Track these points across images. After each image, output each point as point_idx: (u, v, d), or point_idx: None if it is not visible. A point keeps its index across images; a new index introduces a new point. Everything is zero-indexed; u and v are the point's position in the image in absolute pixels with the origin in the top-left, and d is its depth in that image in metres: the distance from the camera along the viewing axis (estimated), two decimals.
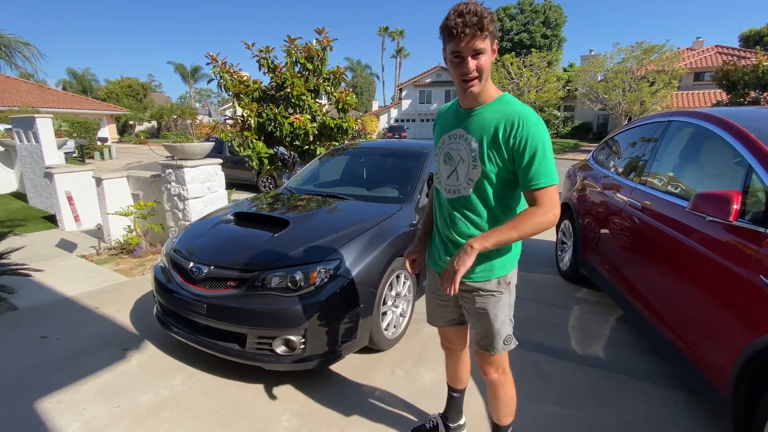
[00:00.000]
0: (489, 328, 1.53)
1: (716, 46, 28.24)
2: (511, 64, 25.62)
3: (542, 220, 1.33)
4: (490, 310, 1.51)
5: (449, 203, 1.51)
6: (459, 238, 1.49)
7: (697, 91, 25.16)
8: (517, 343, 1.60)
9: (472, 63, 1.30)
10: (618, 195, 3.02)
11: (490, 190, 1.42)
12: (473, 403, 2.18)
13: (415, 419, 2.08)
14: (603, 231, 3.20)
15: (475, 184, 1.43)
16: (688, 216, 2.10)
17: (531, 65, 25.67)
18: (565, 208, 4.19)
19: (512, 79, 25.73)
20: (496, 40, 1.35)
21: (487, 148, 1.38)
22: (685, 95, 24.63)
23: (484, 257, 1.46)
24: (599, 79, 24.05)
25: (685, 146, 2.58)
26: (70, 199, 5.75)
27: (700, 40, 30.17)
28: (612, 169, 3.48)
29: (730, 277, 1.75)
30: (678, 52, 23.64)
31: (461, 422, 1.96)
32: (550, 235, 4.81)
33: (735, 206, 1.72)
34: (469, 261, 1.33)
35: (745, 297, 1.65)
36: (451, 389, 1.93)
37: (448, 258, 1.54)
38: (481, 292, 1.51)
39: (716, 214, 1.80)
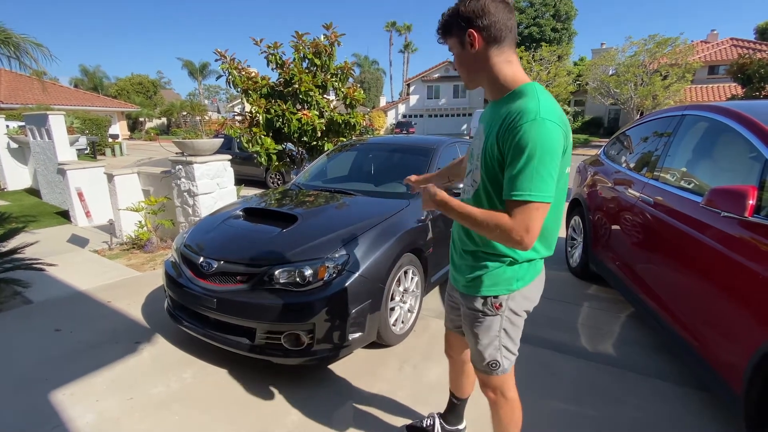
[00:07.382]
0: (473, 345, 1.43)
1: (731, 39, 27.59)
2: (521, 58, 25.31)
3: (505, 236, 1.13)
4: (471, 329, 1.40)
5: None
6: (460, 247, 1.41)
7: (711, 85, 24.63)
8: (507, 372, 1.41)
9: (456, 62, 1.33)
10: (629, 191, 2.98)
11: (484, 197, 1.28)
12: (482, 401, 2.17)
13: (423, 414, 2.08)
14: (614, 227, 3.16)
15: (475, 189, 1.32)
16: (702, 212, 2.06)
17: (541, 59, 25.34)
18: (576, 204, 4.15)
19: None
20: (476, 31, 1.19)
21: (489, 147, 1.23)
22: (699, 89, 24.14)
23: (471, 266, 1.36)
24: (610, 73, 23.64)
25: (699, 141, 2.53)
26: (80, 195, 5.84)
27: (715, 32, 29.51)
28: (623, 165, 3.43)
29: (745, 274, 1.71)
30: (692, 45, 23.10)
31: (461, 427, 1.88)
32: (560, 231, 4.77)
33: (751, 201, 1.69)
34: (428, 198, 1.32)
35: (760, 293, 1.62)
36: (453, 396, 1.86)
37: (455, 268, 1.46)
38: (466, 306, 1.41)
39: (731, 210, 1.77)
